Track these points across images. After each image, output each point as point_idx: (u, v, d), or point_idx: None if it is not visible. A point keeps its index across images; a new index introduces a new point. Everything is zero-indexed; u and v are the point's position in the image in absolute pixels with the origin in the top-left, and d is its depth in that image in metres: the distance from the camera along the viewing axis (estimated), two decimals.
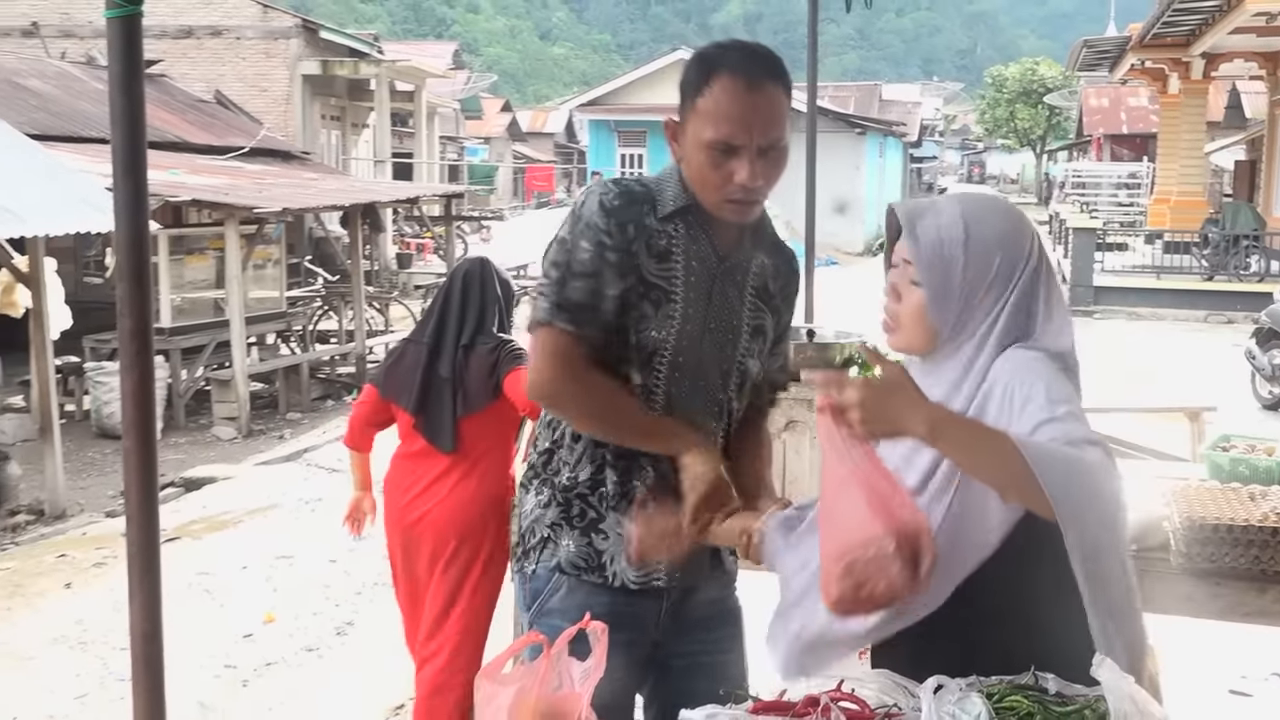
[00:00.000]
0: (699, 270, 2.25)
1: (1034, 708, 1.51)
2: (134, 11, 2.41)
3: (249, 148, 16.57)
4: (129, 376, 2.50)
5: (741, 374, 2.33)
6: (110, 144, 2.43)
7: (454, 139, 35.12)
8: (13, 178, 8.04)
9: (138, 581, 2.56)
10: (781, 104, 2.19)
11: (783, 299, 2.41)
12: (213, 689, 5.48)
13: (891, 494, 1.72)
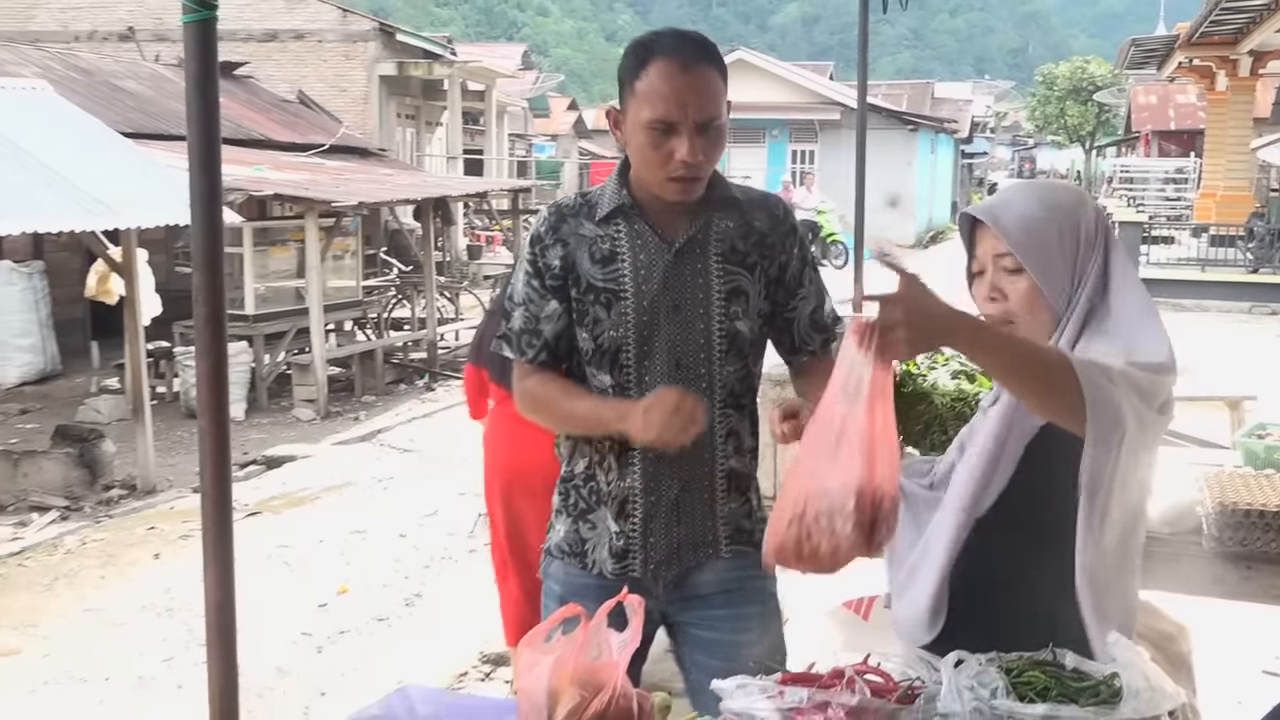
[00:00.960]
0: (646, 261, 2.27)
1: (1050, 682, 1.49)
2: (209, 16, 2.44)
3: (329, 145, 16.72)
4: (204, 360, 2.54)
5: (727, 339, 2.29)
6: (187, 141, 2.47)
7: (522, 136, 35.20)
8: (108, 174, 8.20)
9: (212, 553, 2.60)
10: (715, 83, 2.19)
11: (763, 251, 2.32)
12: (289, 654, 5.57)
13: (879, 450, 1.65)
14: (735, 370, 2.32)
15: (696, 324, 2.28)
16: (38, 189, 7.60)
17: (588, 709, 1.56)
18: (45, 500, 7.78)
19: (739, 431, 2.36)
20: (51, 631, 5.82)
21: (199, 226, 2.49)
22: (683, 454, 2.20)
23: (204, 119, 2.47)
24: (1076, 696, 1.46)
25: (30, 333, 12.01)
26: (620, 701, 1.59)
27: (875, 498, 1.66)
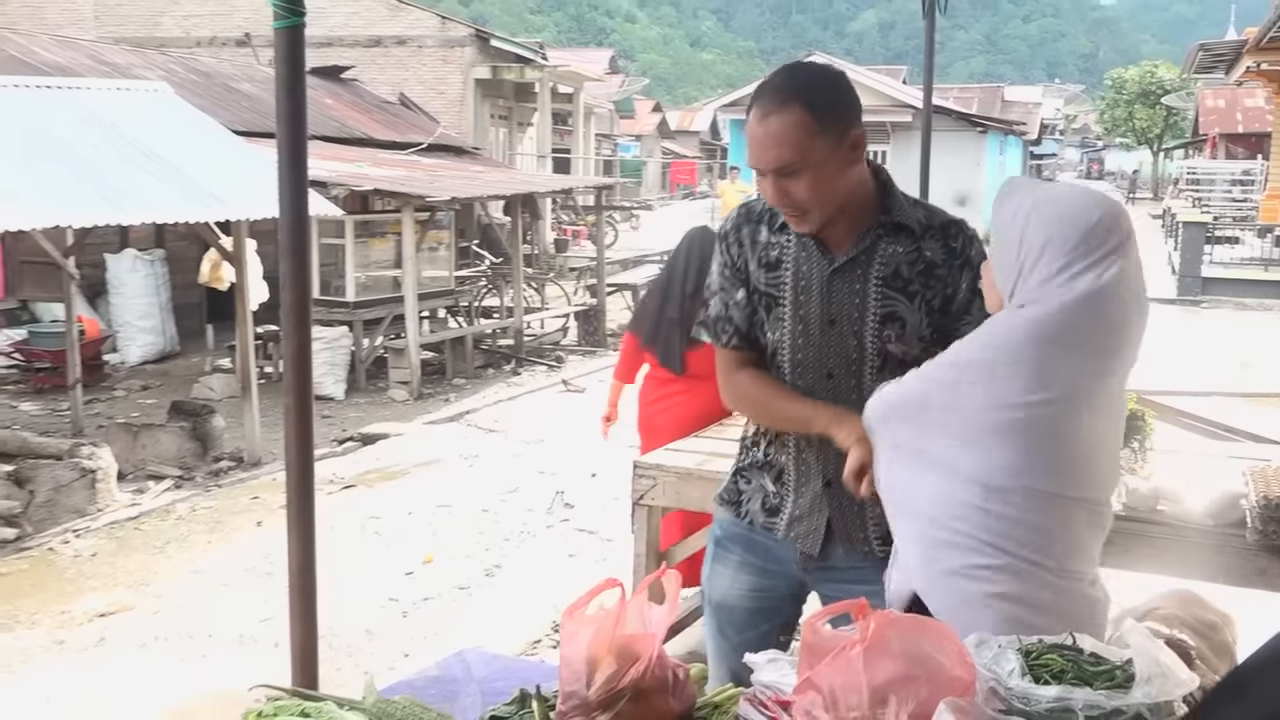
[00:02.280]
0: (808, 273, 2.27)
1: (1067, 665, 1.46)
2: (298, 23, 2.48)
3: (427, 144, 16.89)
4: (290, 342, 2.58)
5: (880, 358, 2.26)
6: (276, 139, 2.51)
7: (608, 136, 35.27)
8: (221, 169, 8.37)
9: (295, 521, 2.65)
10: (788, 129, 2.12)
11: (929, 281, 2.24)
12: (377, 618, 5.66)
13: None
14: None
15: (850, 340, 2.26)
16: (158, 183, 7.78)
17: (624, 677, 1.56)
18: (161, 470, 7.98)
19: None
20: (162, 590, 5.98)
21: (286, 217, 2.53)
22: (834, 452, 2.21)
23: (292, 118, 2.50)
24: (1092, 680, 1.43)
25: (151, 315, 12.33)
26: (656, 671, 1.59)
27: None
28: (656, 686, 1.59)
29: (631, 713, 1.56)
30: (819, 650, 1.44)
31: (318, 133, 14.77)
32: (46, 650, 5.24)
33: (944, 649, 1.40)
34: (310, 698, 1.70)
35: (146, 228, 11.62)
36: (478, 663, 2.00)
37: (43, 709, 4.66)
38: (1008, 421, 1.90)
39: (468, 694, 1.87)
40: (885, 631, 1.39)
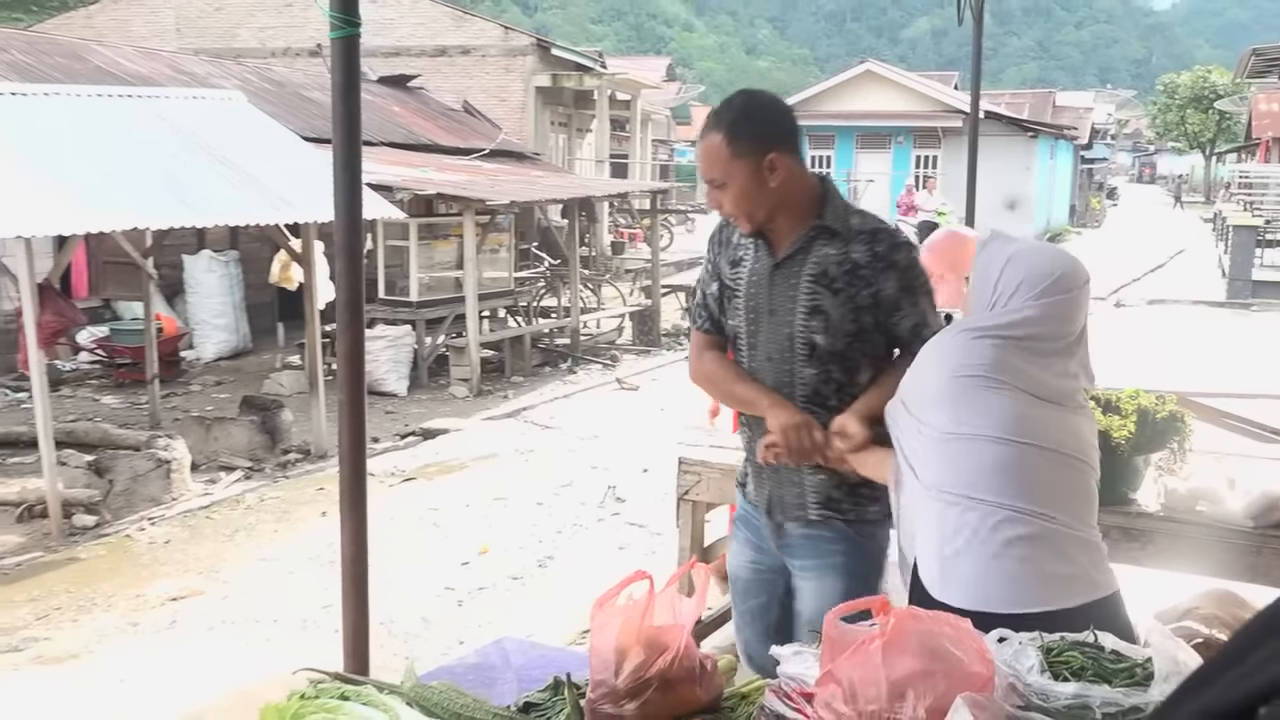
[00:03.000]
0: (759, 270, 2.54)
1: (1087, 662, 1.44)
2: (353, 33, 2.51)
3: (489, 149, 16.99)
4: (343, 339, 2.61)
5: (807, 347, 2.50)
6: (331, 144, 2.54)
7: (665, 142, 35.23)
8: (291, 174, 8.48)
9: (347, 512, 2.69)
10: (711, 152, 2.44)
11: (853, 280, 2.47)
12: (434, 606, 5.71)
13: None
14: (816, 374, 2.52)
15: (784, 329, 2.52)
16: (232, 187, 7.91)
17: (651, 667, 1.55)
18: (232, 461, 8.10)
19: (825, 425, 2.49)
20: (231, 577, 6.07)
21: (341, 220, 2.56)
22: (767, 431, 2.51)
23: (347, 124, 2.54)
24: (1111, 677, 1.40)
25: (226, 314, 12.53)
26: (683, 661, 1.58)
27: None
28: (684, 676, 1.59)
29: (659, 701, 1.56)
30: (840, 644, 1.43)
31: (386, 139, 14.92)
32: (122, 632, 5.35)
33: (963, 645, 1.38)
34: (351, 681, 1.72)
35: (221, 230, 11.81)
36: (515, 651, 2.01)
37: (117, 687, 4.76)
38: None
39: (505, 681, 1.88)
40: (904, 627, 1.37)
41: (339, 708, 1.55)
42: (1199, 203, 47.09)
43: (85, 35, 18.22)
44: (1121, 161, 69.69)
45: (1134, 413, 3.39)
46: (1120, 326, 14.55)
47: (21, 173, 6.74)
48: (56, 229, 6.90)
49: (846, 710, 1.37)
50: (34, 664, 5.03)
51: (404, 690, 1.68)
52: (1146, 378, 4.44)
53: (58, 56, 13.15)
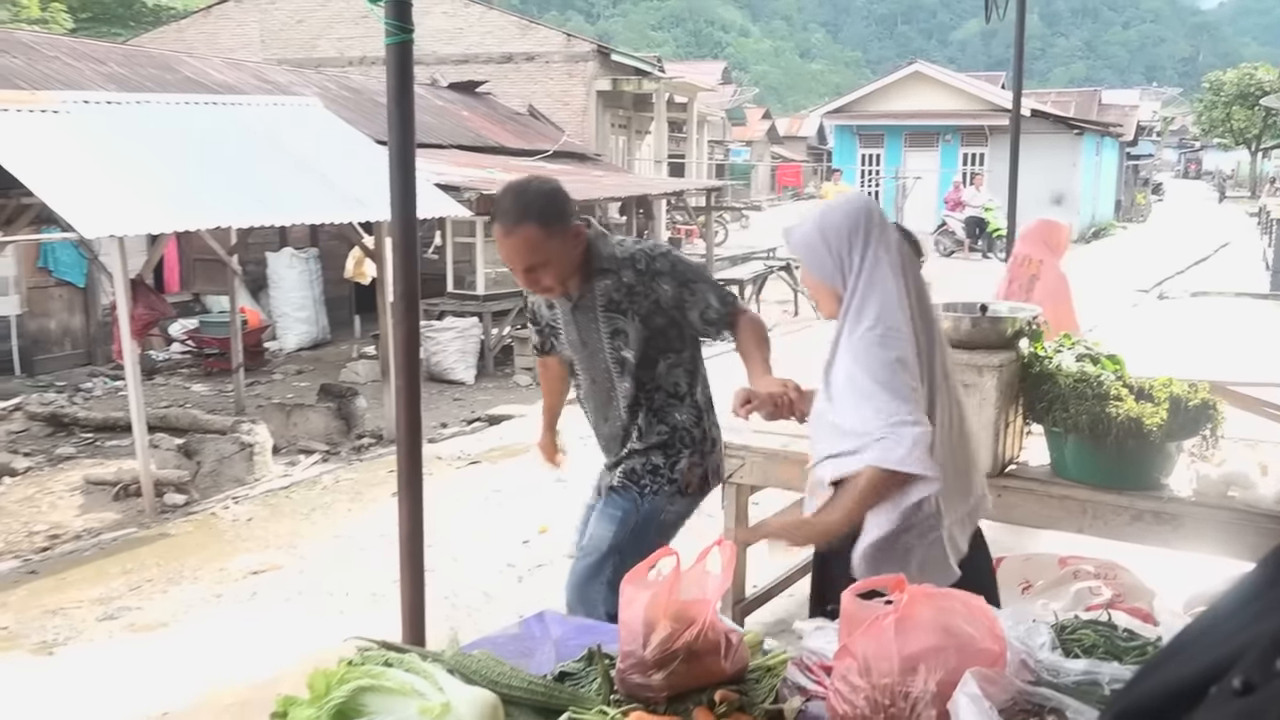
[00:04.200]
0: (564, 312, 2.93)
1: (1099, 640, 1.40)
2: (407, 39, 2.52)
3: (552, 151, 17.04)
4: (399, 329, 2.63)
5: (619, 364, 2.91)
6: (388, 144, 2.56)
7: (720, 143, 35.08)
8: (365, 175, 8.56)
9: (404, 491, 2.71)
10: (526, 243, 2.69)
11: (633, 298, 2.84)
12: (496, 581, 5.74)
13: None
14: (630, 385, 2.92)
15: (597, 354, 2.92)
16: (310, 188, 8.02)
17: (678, 639, 1.55)
18: (310, 445, 8.22)
19: (640, 424, 2.98)
20: (307, 552, 6.17)
21: (397, 216, 2.58)
22: (604, 431, 3.08)
23: (402, 127, 2.55)
24: (1122, 655, 1.36)
25: (306, 307, 12.72)
26: (709, 635, 1.57)
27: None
28: (709, 649, 1.58)
29: (685, 672, 1.55)
30: (857, 620, 1.41)
31: (455, 142, 15.02)
32: (206, 602, 5.46)
33: (975, 622, 1.35)
34: (397, 649, 1.73)
35: (302, 228, 12.00)
36: (555, 623, 2.02)
37: (201, 654, 4.86)
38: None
39: (544, 651, 1.88)
40: (917, 604, 1.35)
41: (382, 674, 1.56)
42: (1244, 198, 45.80)
43: (176, 48, 18.58)
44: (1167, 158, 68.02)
45: (1166, 400, 3.32)
46: (1163, 318, 14.22)
47: (116, 176, 6.90)
48: (148, 228, 7.04)
49: (861, 683, 1.35)
50: (127, 631, 5.15)
51: (445, 658, 1.69)
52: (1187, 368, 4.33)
53: (151, 68, 13.42)
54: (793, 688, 1.54)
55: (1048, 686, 1.31)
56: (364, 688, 1.54)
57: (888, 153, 28.11)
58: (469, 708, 1.51)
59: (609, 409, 2.97)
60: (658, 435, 2.98)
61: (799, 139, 48.84)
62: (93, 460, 7.92)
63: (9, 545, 6.29)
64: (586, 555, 3.06)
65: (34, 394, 9.93)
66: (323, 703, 1.55)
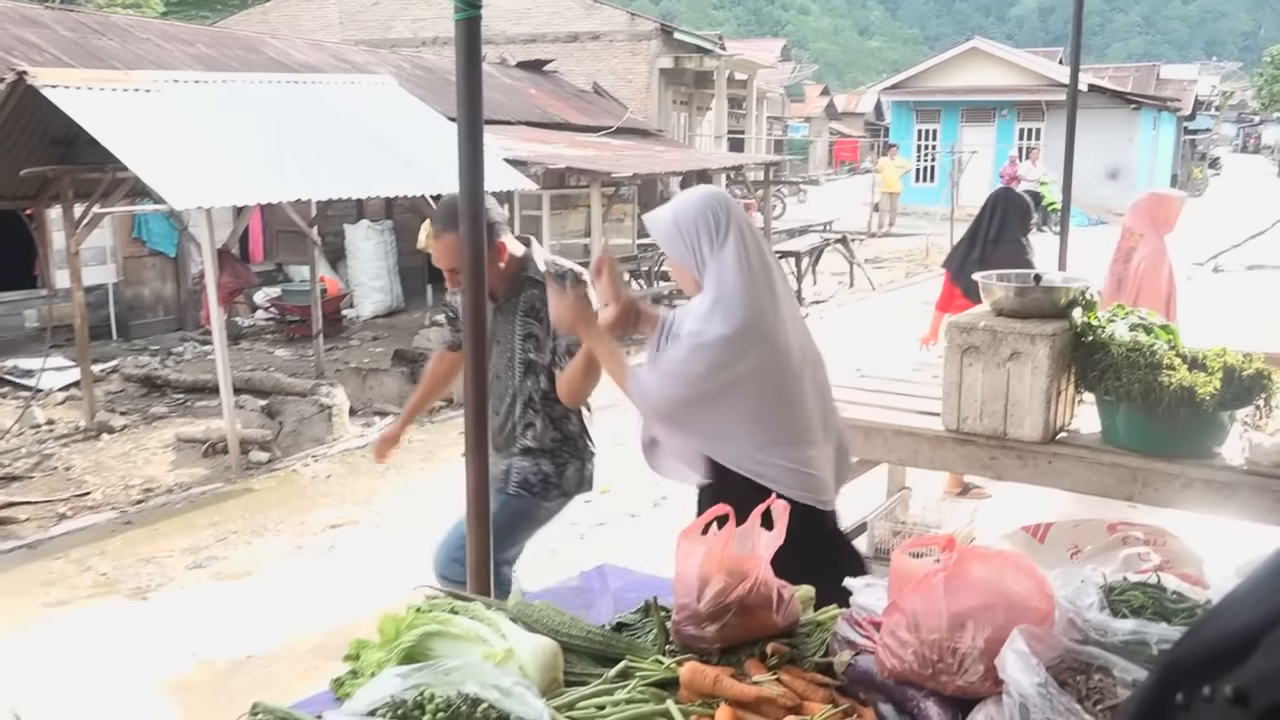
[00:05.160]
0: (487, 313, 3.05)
1: (1148, 601, 1.37)
2: (475, 14, 2.50)
3: (616, 127, 16.98)
4: (468, 295, 2.63)
5: (524, 365, 3.13)
6: (456, 120, 2.54)
7: (779, 119, 34.68)
8: (435, 150, 8.61)
9: (472, 451, 2.72)
10: (451, 245, 2.87)
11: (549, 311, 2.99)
12: (559, 539, 5.75)
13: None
14: (531, 385, 3.13)
15: (506, 354, 3.13)
16: (384, 162, 8.08)
17: (731, 593, 1.54)
18: (385, 407, 8.34)
19: (534, 424, 3.19)
20: (382, 508, 6.27)
21: (464, 187, 2.57)
22: (500, 431, 3.16)
23: (469, 100, 2.53)
24: (1171, 616, 1.33)
25: (381, 277, 12.87)
26: (761, 589, 1.57)
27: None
28: (761, 603, 1.57)
29: (737, 625, 1.55)
30: (906, 577, 1.39)
31: (522, 119, 15.03)
32: (287, 554, 5.58)
33: (1024, 582, 1.33)
34: (462, 598, 1.75)
35: (377, 201, 12.13)
36: (613, 576, 2.02)
37: (282, 602, 4.98)
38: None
39: (602, 603, 1.89)
40: (967, 563, 1.33)
41: (449, 620, 1.58)
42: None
43: (260, 29, 18.80)
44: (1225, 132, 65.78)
45: (1220, 370, 3.22)
46: (1218, 291, 13.81)
47: (204, 151, 7.02)
48: (233, 200, 7.16)
49: (909, 638, 1.33)
50: (214, 579, 5.29)
51: (508, 608, 1.70)
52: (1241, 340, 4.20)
53: (236, 49, 13.60)
54: (842, 642, 1.53)
55: (1095, 645, 1.28)
56: (431, 633, 1.56)
57: (944, 128, 27.56)
58: (530, 654, 1.52)
59: (501, 404, 3.16)
60: (551, 441, 3.23)
61: (856, 115, 48.09)
62: (183, 419, 8.12)
63: (107, 497, 6.49)
64: (458, 533, 3.19)
65: (129, 357, 10.20)
66: (392, 646, 1.57)
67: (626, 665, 1.56)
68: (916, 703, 1.34)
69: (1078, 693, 1.21)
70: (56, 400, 8.68)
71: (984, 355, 3.47)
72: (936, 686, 1.32)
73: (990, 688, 1.27)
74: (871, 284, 15.27)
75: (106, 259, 11.13)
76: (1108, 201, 25.29)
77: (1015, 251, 5.40)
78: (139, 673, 4.31)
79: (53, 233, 9.92)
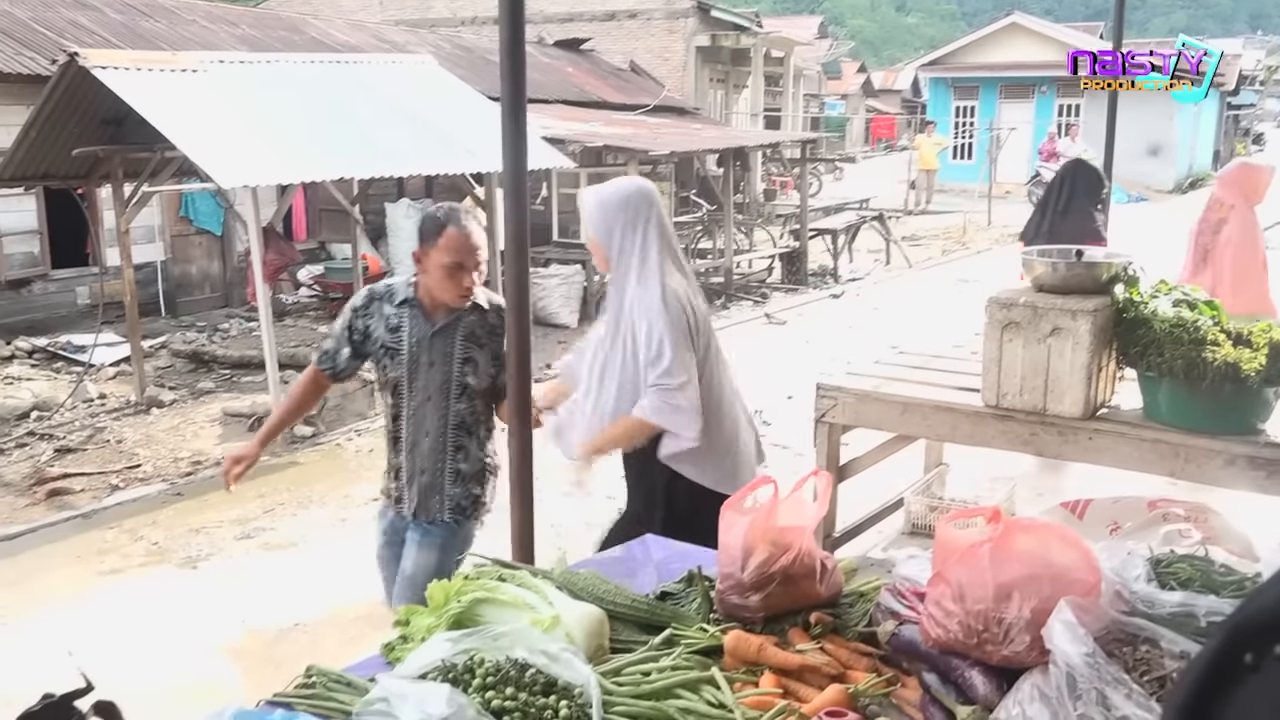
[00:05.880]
0: (419, 333, 3.06)
1: (1196, 574, 1.35)
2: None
3: (653, 105, 16.90)
4: (510, 270, 2.64)
5: (461, 386, 3.10)
6: (500, 93, 2.55)
7: (816, 96, 34.33)
8: (475, 128, 8.62)
9: (514, 424, 2.74)
10: (482, 239, 3.03)
11: (493, 337, 3.10)
12: (597, 512, 5.79)
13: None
14: (465, 408, 3.11)
15: (442, 375, 3.08)
16: (424, 141, 8.11)
17: (775, 563, 1.54)
18: None
19: (466, 447, 3.16)
20: None
21: (508, 162, 2.58)
22: (426, 447, 3.12)
23: (513, 76, 2.54)
24: (1219, 589, 1.31)
25: None
26: (805, 560, 1.56)
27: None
28: (805, 573, 1.57)
29: (781, 594, 1.55)
30: (950, 548, 1.38)
31: (560, 97, 15.00)
32: (332, 526, 5.66)
33: (1070, 553, 1.31)
34: (510, 566, 1.76)
35: (417, 180, 12.16)
36: (656, 546, 2.03)
37: (328, 571, 5.05)
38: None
39: (646, 573, 1.90)
40: (1012, 534, 1.32)
41: (497, 588, 1.59)
42: None
43: (303, 10, 18.88)
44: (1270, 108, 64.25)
45: (1266, 346, 3.16)
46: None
47: (249, 130, 7.07)
48: (278, 179, 7.22)
49: (955, 608, 1.33)
50: (261, 549, 5.38)
51: (554, 576, 1.72)
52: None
53: (280, 30, 13.68)
54: (886, 612, 1.53)
55: (1142, 617, 1.27)
56: (480, 600, 1.57)
57: (982, 105, 27.16)
58: (577, 621, 1.53)
59: (432, 425, 3.12)
60: (480, 463, 3.23)
61: (893, 92, 47.47)
62: (230, 394, 8.23)
63: (157, 469, 6.60)
64: (416, 582, 3.15)
65: (177, 333, 10.35)
66: (442, 613, 1.59)
67: (671, 633, 1.57)
68: (961, 672, 1.33)
69: (1124, 664, 1.20)
70: (108, 375, 8.83)
71: (1024, 331, 3.43)
72: (981, 656, 1.32)
73: (1036, 658, 1.26)
74: (908, 261, 15.13)
75: (155, 237, 11.27)
76: (1149, 178, 24.85)
77: (1083, 222, 5.44)
78: (191, 639, 4.40)
79: (103, 211, 10.05)
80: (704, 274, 13.33)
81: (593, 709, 1.32)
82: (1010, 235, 18.12)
